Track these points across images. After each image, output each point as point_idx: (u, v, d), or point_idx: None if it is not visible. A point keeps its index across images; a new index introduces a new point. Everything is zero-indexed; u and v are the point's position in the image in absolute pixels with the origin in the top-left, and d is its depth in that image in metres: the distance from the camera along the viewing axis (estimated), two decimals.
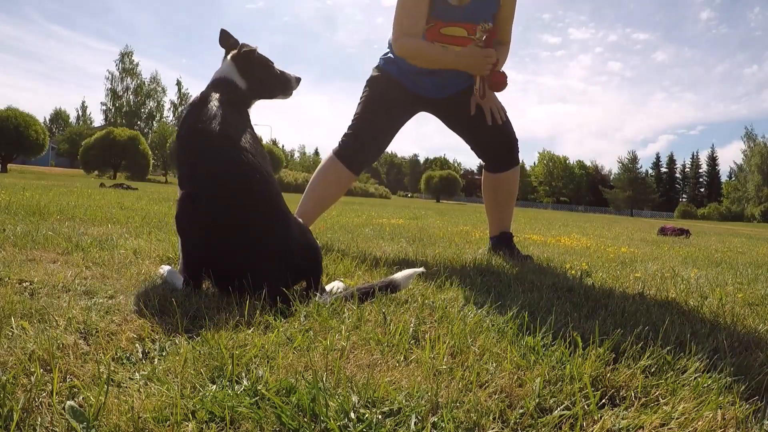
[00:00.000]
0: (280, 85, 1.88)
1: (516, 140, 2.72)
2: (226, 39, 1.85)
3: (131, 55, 55.44)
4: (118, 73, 55.19)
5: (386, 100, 2.58)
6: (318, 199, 2.62)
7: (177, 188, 1.56)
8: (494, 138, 2.65)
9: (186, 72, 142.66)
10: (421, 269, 1.65)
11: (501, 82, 2.44)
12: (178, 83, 59.74)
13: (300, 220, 1.62)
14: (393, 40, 2.44)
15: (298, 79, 1.92)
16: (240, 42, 1.83)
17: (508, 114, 2.69)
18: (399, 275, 1.57)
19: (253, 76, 1.77)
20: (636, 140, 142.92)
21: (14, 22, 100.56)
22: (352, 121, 2.61)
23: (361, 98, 2.64)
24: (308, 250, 1.51)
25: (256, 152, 1.49)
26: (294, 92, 1.95)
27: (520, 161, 2.82)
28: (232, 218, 1.41)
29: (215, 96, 1.61)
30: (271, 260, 1.41)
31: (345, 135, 2.61)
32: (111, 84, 55.29)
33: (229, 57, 1.78)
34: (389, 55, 2.61)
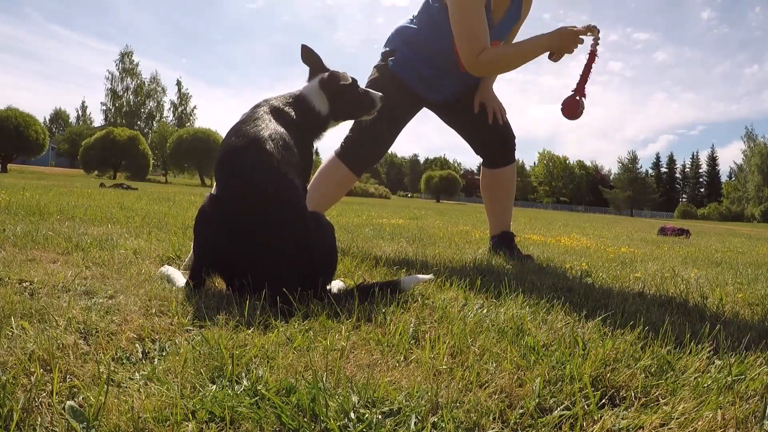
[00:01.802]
0: (365, 106, 1.90)
1: (514, 137, 2.77)
2: (309, 56, 1.85)
3: (131, 55, 55.52)
4: (118, 73, 55.27)
5: (389, 102, 2.55)
6: (319, 200, 2.59)
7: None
8: (495, 135, 2.70)
9: (186, 72, 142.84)
10: (431, 276, 1.66)
11: (571, 106, 2.35)
12: (178, 83, 59.88)
13: (327, 219, 1.61)
14: (471, 58, 2.30)
15: (382, 97, 1.93)
16: (323, 62, 1.84)
17: (508, 113, 2.76)
18: (407, 278, 1.57)
19: (338, 102, 1.78)
20: (636, 140, 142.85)
21: (14, 22, 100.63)
22: (354, 123, 2.58)
23: None
24: (322, 252, 1.50)
25: (282, 159, 1.47)
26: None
27: (519, 160, 2.85)
28: (244, 220, 1.42)
29: (272, 105, 1.64)
30: (276, 261, 1.40)
31: (347, 137, 2.59)
32: (111, 84, 55.37)
33: (316, 82, 1.77)
34: (404, 58, 2.55)
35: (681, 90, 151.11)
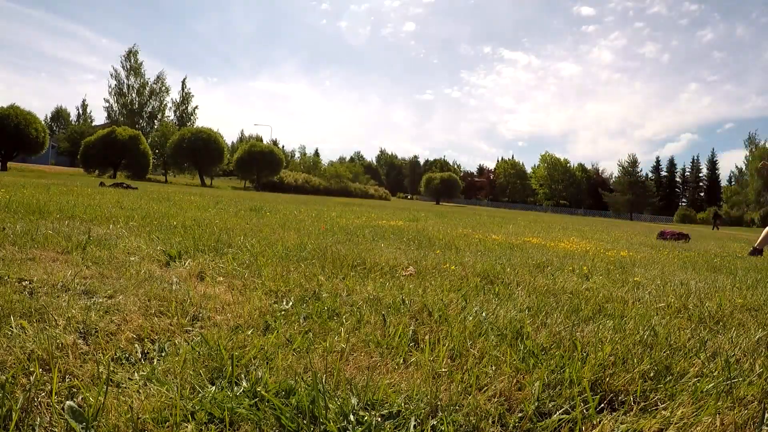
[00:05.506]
0: None
1: None
2: None
3: (136, 54, 55.48)
4: (123, 72, 55.24)
5: None
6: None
7: None
8: None
9: (187, 72, 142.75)
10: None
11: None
12: (183, 83, 59.84)
13: None
14: None
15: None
16: None
17: (524, 113, 2.84)
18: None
19: None
20: (655, 139, 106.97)
21: (16, 20, 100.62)
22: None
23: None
24: None
25: None
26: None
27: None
28: None
29: None
30: None
31: None
32: (116, 82, 55.33)
33: None
34: None
35: (718, 80, 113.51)
